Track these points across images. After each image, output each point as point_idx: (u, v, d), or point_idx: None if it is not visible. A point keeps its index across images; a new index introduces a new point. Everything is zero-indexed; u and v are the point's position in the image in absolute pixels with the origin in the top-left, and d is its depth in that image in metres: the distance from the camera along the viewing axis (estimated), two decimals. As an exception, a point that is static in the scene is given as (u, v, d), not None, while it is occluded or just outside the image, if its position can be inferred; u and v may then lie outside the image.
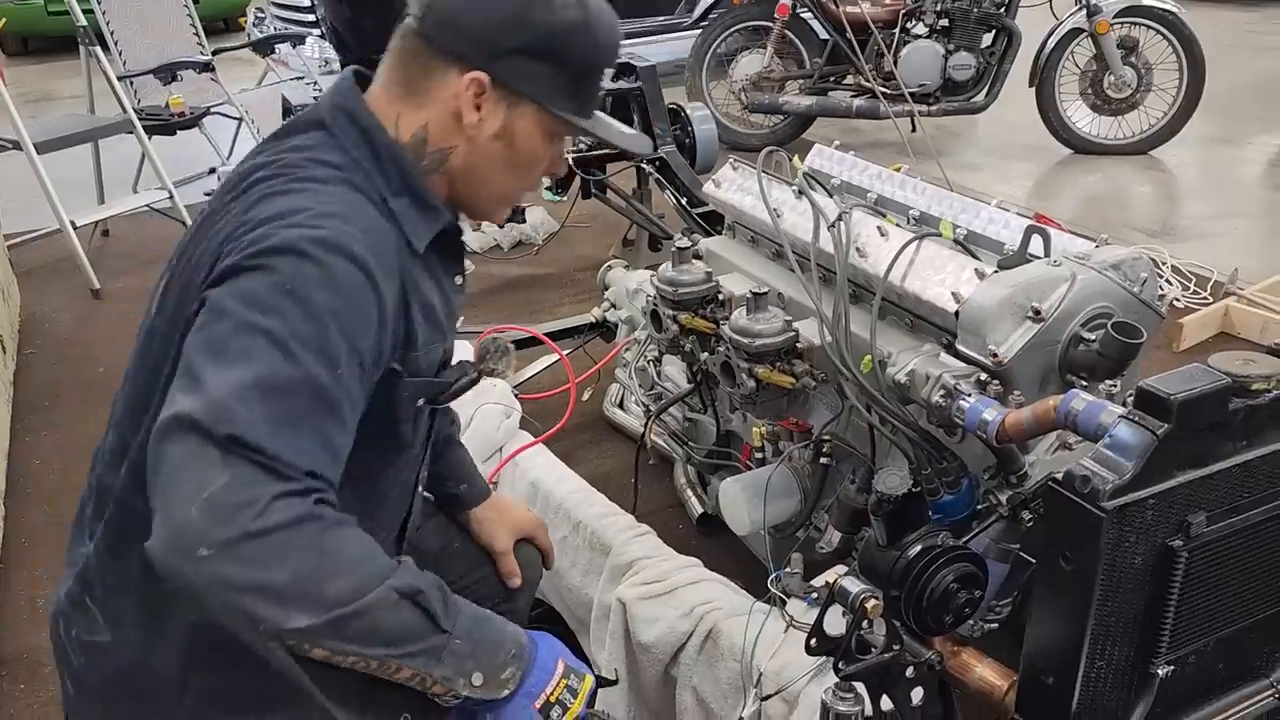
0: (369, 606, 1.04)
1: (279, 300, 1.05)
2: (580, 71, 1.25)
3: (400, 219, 1.21)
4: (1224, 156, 5.86)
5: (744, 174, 2.25)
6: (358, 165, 1.21)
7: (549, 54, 1.22)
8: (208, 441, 0.99)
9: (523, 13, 1.20)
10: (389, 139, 1.23)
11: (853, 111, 5.65)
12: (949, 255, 1.72)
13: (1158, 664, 1.33)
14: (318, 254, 1.08)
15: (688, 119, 3.99)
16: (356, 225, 1.13)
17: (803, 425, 2.02)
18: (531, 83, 1.22)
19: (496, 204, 1.35)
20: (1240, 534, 1.31)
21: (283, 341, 1.04)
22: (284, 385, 1.03)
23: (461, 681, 1.13)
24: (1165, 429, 1.22)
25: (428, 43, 1.22)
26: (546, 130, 1.27)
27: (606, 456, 2.99)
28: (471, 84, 1.21)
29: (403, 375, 1.22)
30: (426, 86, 1.23)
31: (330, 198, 1.15)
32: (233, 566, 0.98)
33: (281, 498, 1.00)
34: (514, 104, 1.23)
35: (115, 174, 5.08)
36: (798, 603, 1.74)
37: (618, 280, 3.06)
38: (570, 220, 4.42)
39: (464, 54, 1.20)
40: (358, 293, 1.10)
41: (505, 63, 1.21)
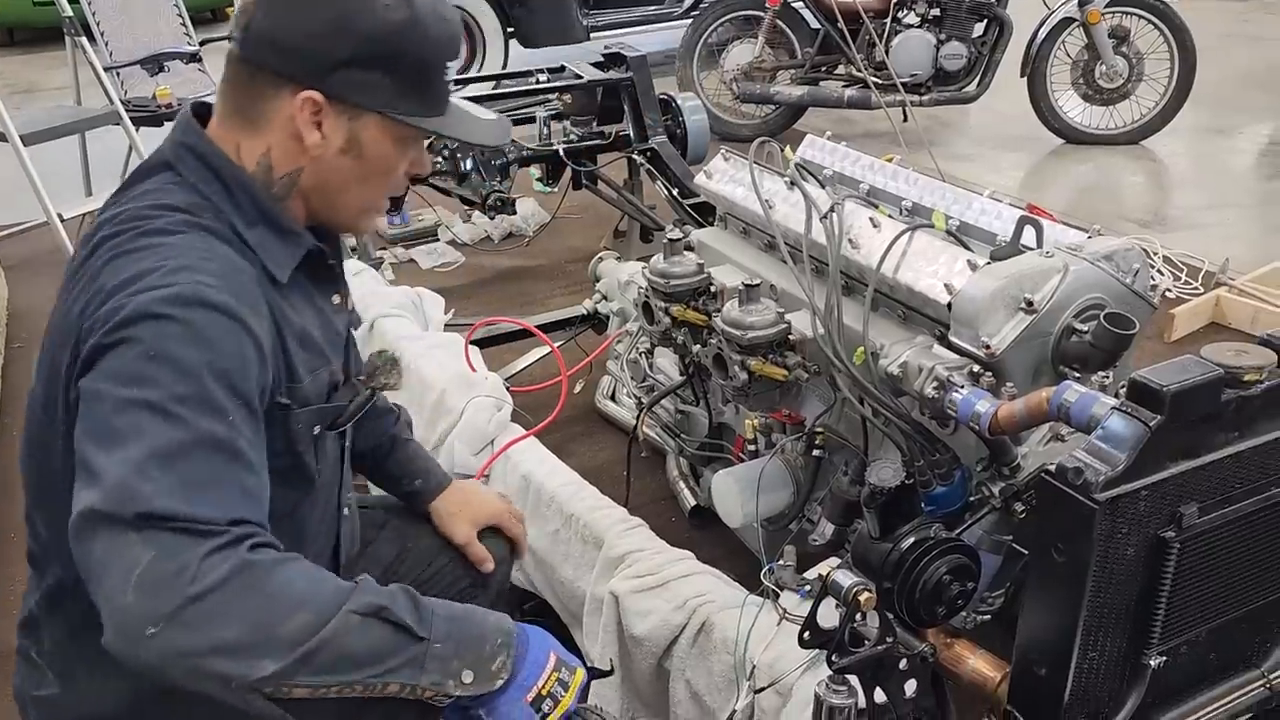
0: (331, 635, 1.04)
1: (148, 368, 1.04)
2: (417, 71, 1.20)
3: (258, 250, 1.18)
4: (1215, 146, 5.86)
5: (736, 165, 2.24)
6: (208, 202, 1.17)
7: (380, 60, 1.17)
8: (121, 527, 0.99)
9: (344, 22, 1.15)
10: (236, 169, 1.19)
11: (844, 102, 5.63)
12: (941, 246, 1.72)
13: (1150, 655, 1.33)
14: (174, 312, 1.06)
15: (679, 109, 3.98)
16: (209, 272, 1.10)
17: (795, 417, 2.01)
18: (368, 92, 1.18)
19: (359, 216, 1.31)
20: (1232, 524, 1.31)
21: (163, 408, 1.03)
22: (178, 449, 1.02)
23: (452, 683, 1.12)
24: (1158, 420, 1.21)
25: (253, 67, 1.18)
26: (395, 136, 1.23)
27: (598, 449, 2.98)
28: (305, 104, 1.17)
29: (292, 408, 1.21)
30: (260, 112, 1.19)
31: (176, 250, 1.11)
32: (183, 635, 0.98)
33: (212, 554, 1.00)
34: (355, 116, 1.19)
35: (102, 166, 5.04)
36: (791, 595, 1.74)
37: (609, 272, 3.05)
38: (561, 212, 4.41)
39: (292, 74, 1.16)
40: (226, 338, 1.08)
41: (336, 76, 1.16)
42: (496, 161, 3.71)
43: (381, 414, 1.63)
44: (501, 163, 3.73)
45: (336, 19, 1.15)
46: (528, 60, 6.04)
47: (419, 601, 1.14)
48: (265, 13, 1.16)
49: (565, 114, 4.05)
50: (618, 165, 4.07)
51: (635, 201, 3.97)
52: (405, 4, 1.17)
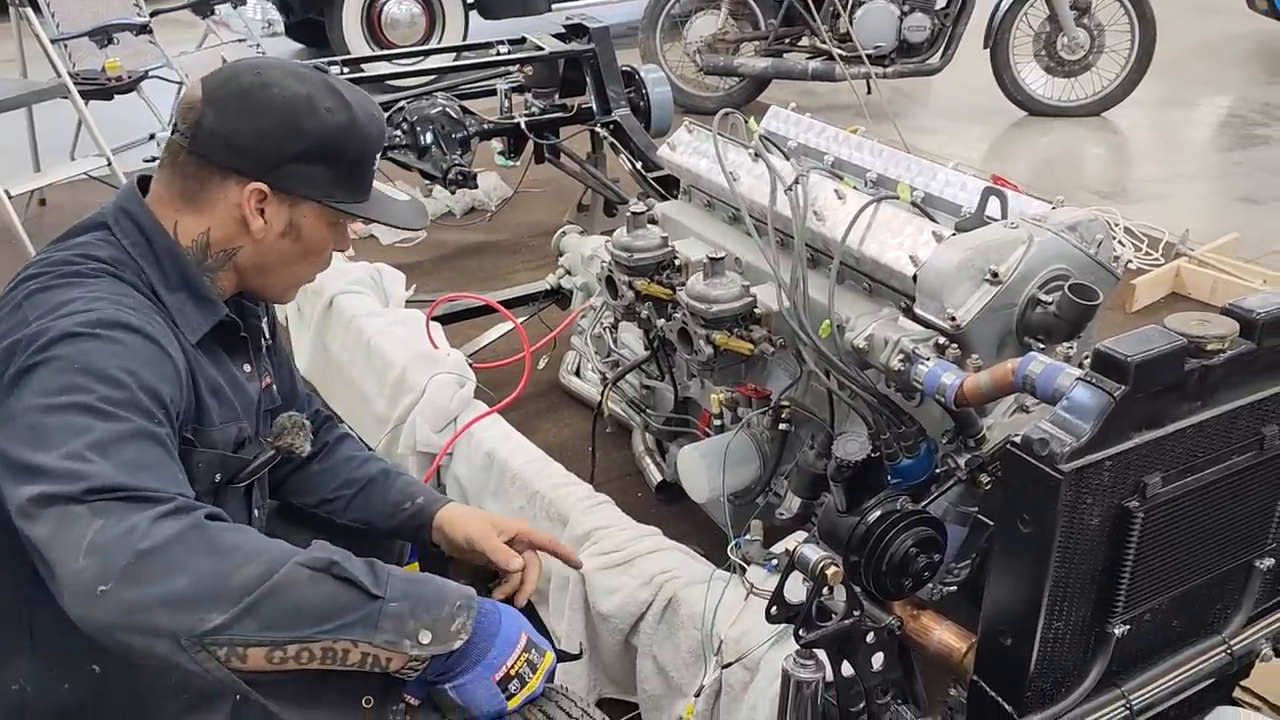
0: (279, 586, 1.04)
1: (75, 378, 1.10)
2: (353, 165, 1.33)
3: (173, 312, 1.28)
4: (1175, 118, 5.92)
5: (699, 137, 2.22)
6: (131, 261, 1.27)
7: (322, 157, 1.30)
8: (67, 503, 1.02)
9: (292, 125, 1.27)
10: (169, 240, 1.30)
11: (808, 74, 5.61)
12: (907, 218, 1.71)
13: (1114, 623, 1.34)
14: (96, 331, 1.14)
15: (642, 81, 3.93)
16: (124, 304, 1.20)
17: (761, 391, 2.00)
18: (309, 185, 1.31)
19: (289, 289, 1.45)
20: (1194, 494, 1.32)
21: (96, 408, 1.08)
22: (116, 438, 1.07)
23: (408, 643, 1.11)
24: (1122, 391, 1.21)
25: (201, 159, 1.29)
26: (329, 221, 1.36)
27: (563, 425, 2.96)
28: (253, 194, 1.29)
29: (196, 445, 1.27)
30: (205, 197, 1.30)
31: (96, 288, 1.21)
32: (132, 589, 1.00)
33: (164, 517, 1.03)
34: (295, 204, 1.32)
35: (51, 141, 4.92)
36: (758, 569, 1.73)
37: (573, 246, 3.01)
38: (523, 186, 4.36)
39: (241, 169, 1.28)
40: (145, 352, 1.16)
41: (282, 171, 1.29)
42: (457, 135, 3.66)
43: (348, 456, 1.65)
44: (462, 136, 3.67)
45: (285, 122, 1.27)
46: (488, 32, 5.95)
47: (376, 564, 1.13)
48: (217, 115, 1.27)
49: (526, 86, 3.99)
50: (580, 138, 4.03)
51: (598, 175, 3.92)
52: (345, 107, 1.31)
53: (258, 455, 1.39)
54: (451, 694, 1.17)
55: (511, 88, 3.92)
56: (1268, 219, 4.42)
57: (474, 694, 1.17)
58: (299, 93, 1.28)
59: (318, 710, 1.13)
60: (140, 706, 1.29)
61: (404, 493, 1.61)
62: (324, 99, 1.29)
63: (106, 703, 1.27)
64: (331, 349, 2.74)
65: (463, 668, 1.16)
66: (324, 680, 1.12)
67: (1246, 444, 1.35)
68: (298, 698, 1.12)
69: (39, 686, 1.25)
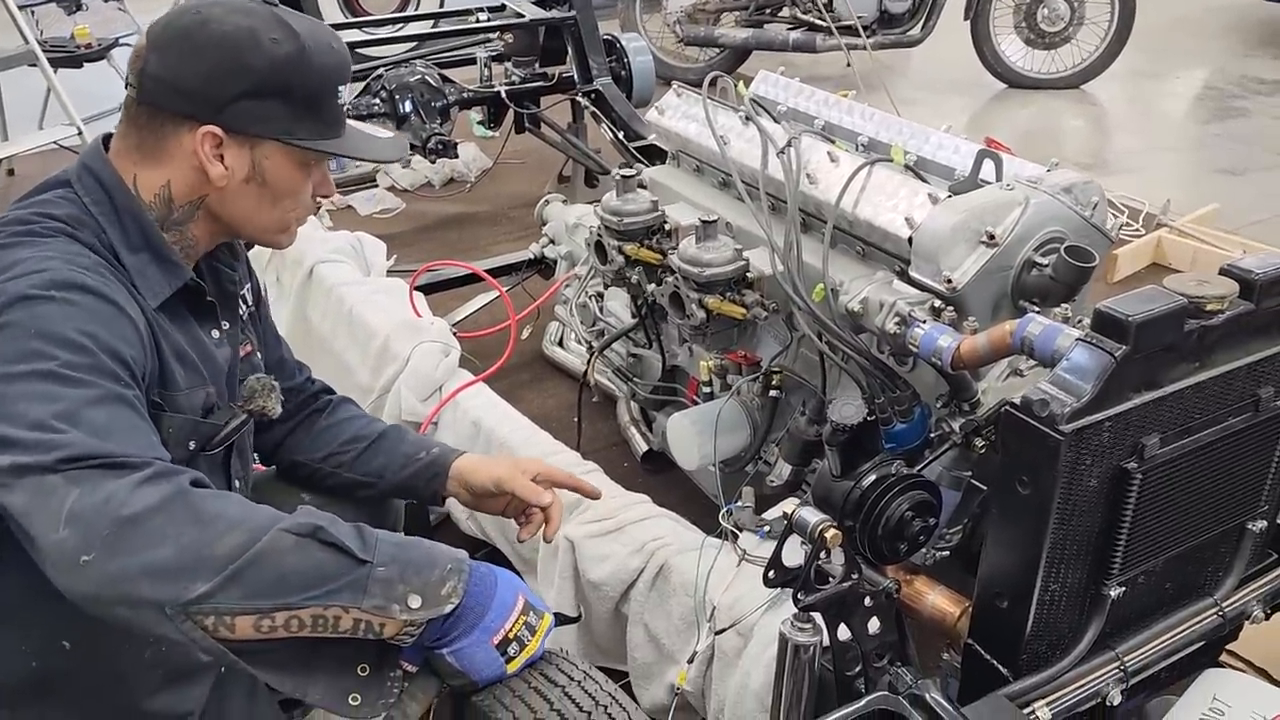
0: (263, 553, 1.02)
1: (33, 344, 1.06)
2: (310, 98, 1.26)
3: (133, 274, 1.23)
4: (1153, 90, 5.94)
5: (688, 100, 2.19)
6: (90, 220, 1.23)
7: (273, 92, 1.24)
8: (42, 473, 0.99)
9: (237, 60, 1.22)
10: (129, 197, 1.25)
11: (789, 45, 5.57)
12: (901, 181, 1.69)
13: (1110, 585, 1.34)
14: (49, 293, 1.10)
15: (623, 50, 3.89)
16: (78, 264, 1.16)
17: (751, 358, 1.98)
18: (265, 123, 1.25)
19: (274, 233, 1.37)
20: (1191, 455, 1.32)
21: (59, 374, 1.05)
22: (84, 404, 1.04)
23: (398, 608, 1.08)
24: (1123, 351, 1.21)
25: (152, 109, 1.24)
26: (296, 161, 1.29)
27: (548, 395, 2.94)
28: (206, 138, 1.23)
29: (165, 409, 1.23)
30: (161, 148, 1.25)
31: (48, 248, 1.17)
32: (114, 560, 0.97)
33: (144, 483, 1.00)
34: (255, 145, 1.26)
35: (19, 110, 4.81)
36: (749, 536, 1.72)
37: (556, 215, 2.98)
38: (503, 157, 4.31)
39: (191, 112, 1.23)
40: (102, 313, 1.12)
41: (233, 110, 1.23)
42: (436, 104, 3.60)
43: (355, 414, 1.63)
44: (442, 105, 3.62)
45: (229, 58, 1.21)
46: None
47: (363, 529, 1.11)
48: (159, 58, 1.22)
49: (506, 55, 3.94)
50: (561, 108, 3.98)
51: (580, 145, 3.88)
52: (293, 36, 1.24)
53: (229, 420, 1.35)
54: (450, 659, 1.15)
55: (491, 56, 3.87)
56: (1246, 190, 4.45)
57: (473, 658, 1.15)
58: (241, 25, 1.22)
59: (312, 679, 1.11)
60: (114, 682, 1.26)
61: (418, 444, 1.59)
62: (269, 30, 1.23)
63: (77, 679, 1.25)
64: (312, 319, 2.70)
65: (460, 632, 1.14)
66: (317, 648, 1.10)
67: (1243, 405, 1.35)
68: (290, 666, 1.10)
69: (7, 660, 1.22)
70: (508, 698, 1.15)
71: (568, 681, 1.16)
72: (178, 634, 1.00)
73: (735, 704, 1.59)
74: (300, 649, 1.08)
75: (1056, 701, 1.33)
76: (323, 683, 1.11)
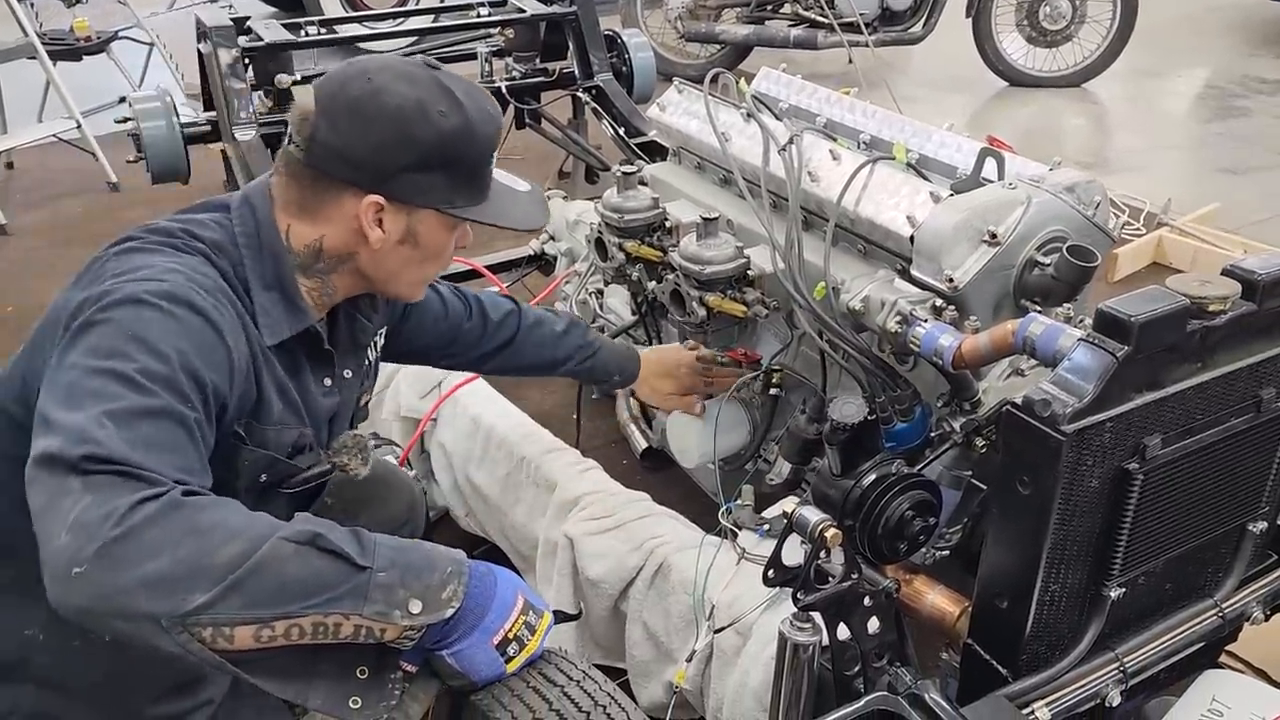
0: (262, 562, 1.01)
1: (122, 344, 1.08)
2: (472, 169, 1.30)
3: (258, 309, 1.26)
4: (1154, 89, 5.93)
5: (690, 97, 2.18)
6: (234, 250, 1.26)
7: (438, 165, 1.26)
8: (67, 471, 1.00)
9: (406, 134, 1.23)
10: (277, 242, 1.28)
11: (790, 41, 5.56)
12: (903, 179, 1.68)
13: (1110, 586, 1.34)
14: (159, 302, 1.12)
15: (624, 46, 3.87)
16: (200, 285, 1.18)
17: (752, 356, 1.98)
18: (427, 193, 1.27)
19: (415, 288, 1.41)
20: (1192, 455, 1.32)
21: (130, 378, 1.06)
22: (141, 412, 1.05)
23: (399, 613, 1.07)
24: (1125, 351, 1.20)
25: (317, 172, 1.26)
26: (448, 226, 1.32)
27: (547, 393, 2.93)
28: (370, 207, 1.25)
29: (246, 443, 1.24)
30: (320, 209, 1.27)
31: (179, 262, 1.19)
32: (108, 574, 0.97)
33: (145, 501, 0.99)
34: (413, 212, 1.28)
35: (19, 103, 4.80)
36: (749, 535, 1.72)
37: (557, 211, 2.97)
38: (503, 152, 4.27)
39: (356, 180, 1.25)
40: (201, 335, 1.14)
41: (398, 180, 1.25)
42: (437, 99, 3.59)
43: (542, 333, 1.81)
44: (443, 100, 3.61)
45: (398, 131, 1.23)
46: (467, -5, 5.85)
47: (361, 534, 1.10)
48: (330, 126, 1.24)
49: (507, 50, 3.92)
50: (562, 104, 3.97)
51: (580, 141, 3.87)
52: (458, 109, 1.26)
53: (312, 465, 1.36)
54: (450, 660, 1.14)
55: (492, 51, 3.85)
56: (1247, 190, 4.45)
57: (472, 659, 1.15)
58: (410, 98, 1.23)
59: (312, 685, 1.10)
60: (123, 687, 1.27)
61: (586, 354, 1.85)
62: (436, 102, 1.24)
63: (87, 678, 1.25)
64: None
65: (459, 634, 1.14)
66: (317, 654, 1.09)
67: (1244, 406, 1.35)
68: (290, 674, 1.09)
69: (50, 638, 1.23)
70: (506, 697, 1.14)
71: (567, 681, 1.16)
72: (174, 646, 0.98)
73: (734, 703, 1.59)
74: (300, 656, 1.08)
75: (1056, 702, 1.33)
76: (323, 688, 1.10)
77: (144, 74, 5.14)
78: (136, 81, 5.09)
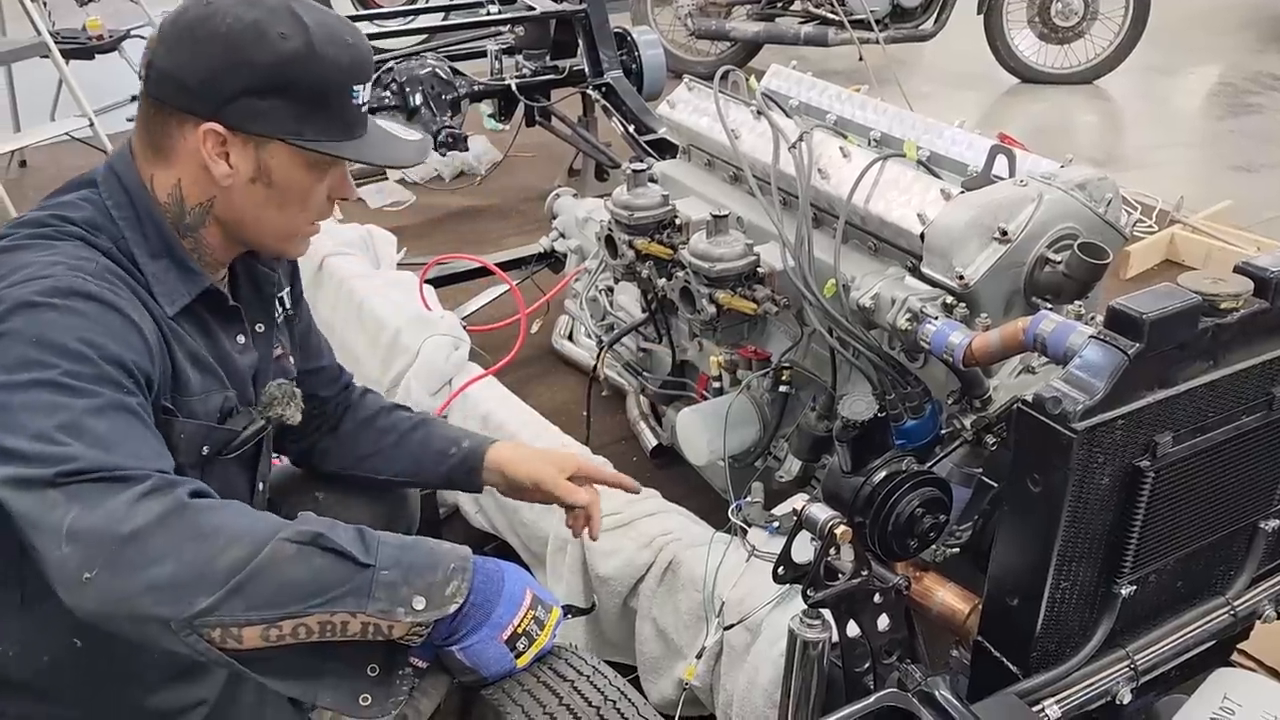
0: (265, 564, 1.01)
1: (33, 352, 1.05)
2: (316, 98, 1.20)
3: (150, 279, 1.21)
4: (1166, 86, 5.90)
5: (700, 94, 2.18)
6: (109, 225, 1.21)
7: (276, 89, 1.18)
8: (42, 487, 0.99)
9: (239, 55, 1.17)
10: (148, 200, 1.23)
11: (801, 39, 5.55)
12: (913, 176, 1.68)
13: (1121, 584, 1.33)
14: (51, 300, 1.08)
15: (634, 43, 3.88)
16: (85, 271, 1.13)
17: (761, 353, 1.98)
18: (268, 121, 1.19)
19: (284, 241, 1.32)
20: (1204, 453, 1.31)
21: (60, 383, 1.04)
22: (85, 413, 1.03)
23: (402, 610, 1.08)
24: (1136, 348, 1.20)
25: (158, 103, 1.21)
26: (305, 163, 1.24)
27: (557, 389, 2.94)
28: (208, 136, 1.19)
29: (176, 416, 1.21)
30: (170, 146, 1.22)
31: (57, 252, 1.14)
32: (116, 578, 0.97)
33: (143, 498, 0.99)
34: (260, 145, 1.21)
35: (31, 101, 4.82)
36: (759, 532, 1.72)
37: (567, 209, 2.97)
38: (514, 150, 4.31)
39: (193, 108, 1.19)
40: (105, 320, 1.10)
41: (235, 107, 1.18)
42: (447, 96, 3.60)
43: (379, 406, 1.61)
44: (452, 98, 3.62)
45: (232, 52, 1.16)
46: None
47: (365, 532, 1.10)
48: (167, 51, 1.19)
49: (517, 48, 3.93)
50: (572, 101, 3.98)
51: (590, 138, 3.88)
52: (301, 31, 1.18)
53: (246, 426, 1.32)
54: (459, 656, 1.15)
55: (502, 49, 3.86)
56: (1260, 187, 4.43)
57: (482, 655, 1.15)
58: (247, 19, 1.16)
59: (322, 682, 1.10)
60: (123, 676, 1.27)
61: (447, 437, 1.57)
62: (277, 24, 1.17)
63: (85, 673, 1.25)
64: (323, 311, 2.70)
65: (469, 629, 1.14)
66: (326, 651, 1.09)
67: (1256, 404, 1.34)
68: (299, 672, 1.09)
69: (24, 651, 1.22)
70: (516, 692, 1.15)
71: (576, 676, 1.16)
72: (183, 647, 1.00)
73: (743, 700, 1.59)
74: (308, 654, 1.08)
75: (1066, 700, 1.32)
76: (332, 685, 1.10)
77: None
78: (149, 80, 5.10)
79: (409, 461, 1.56)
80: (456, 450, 1.55)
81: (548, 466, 1.54)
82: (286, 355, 1.46)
